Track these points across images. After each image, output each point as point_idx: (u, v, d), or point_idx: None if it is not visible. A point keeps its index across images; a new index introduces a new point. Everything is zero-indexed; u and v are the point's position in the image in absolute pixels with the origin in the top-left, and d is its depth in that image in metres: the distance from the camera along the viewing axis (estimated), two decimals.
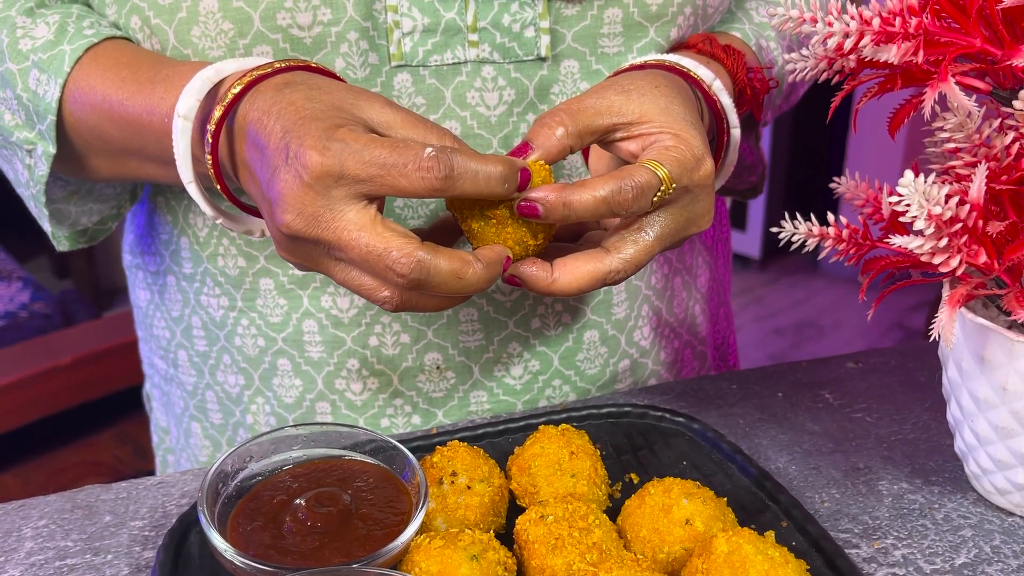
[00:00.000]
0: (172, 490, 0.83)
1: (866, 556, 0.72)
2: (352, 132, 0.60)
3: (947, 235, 0.65)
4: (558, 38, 0.82)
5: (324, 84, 0.64)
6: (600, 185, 0.63)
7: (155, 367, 1.04)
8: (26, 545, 0.77)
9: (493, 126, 0.83)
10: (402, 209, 0.84)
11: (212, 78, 0.68)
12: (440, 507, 0.70)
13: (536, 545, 0.65)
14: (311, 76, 0.67)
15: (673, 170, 0.66)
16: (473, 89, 0.82)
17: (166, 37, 0.76)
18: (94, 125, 0.77)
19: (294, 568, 0.61)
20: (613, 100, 0.70)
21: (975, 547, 0.73)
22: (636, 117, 0.69)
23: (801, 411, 0.92)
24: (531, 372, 0.92)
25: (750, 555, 0.60)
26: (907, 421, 0.90)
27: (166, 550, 0.69)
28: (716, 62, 0.84)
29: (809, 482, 0.82)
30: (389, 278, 0.60)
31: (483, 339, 0.89)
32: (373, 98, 0.64)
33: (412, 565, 0.63)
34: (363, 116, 0.63)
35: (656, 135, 0.69)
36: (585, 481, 0.73)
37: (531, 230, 0.67)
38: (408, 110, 0.65)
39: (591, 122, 0.69)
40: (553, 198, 0.63)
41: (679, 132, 0.68)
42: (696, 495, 0.68)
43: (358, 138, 0.59)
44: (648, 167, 0.66)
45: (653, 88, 0.71)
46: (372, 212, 0.61)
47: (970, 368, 0.73)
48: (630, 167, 0.66)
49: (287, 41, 0.76)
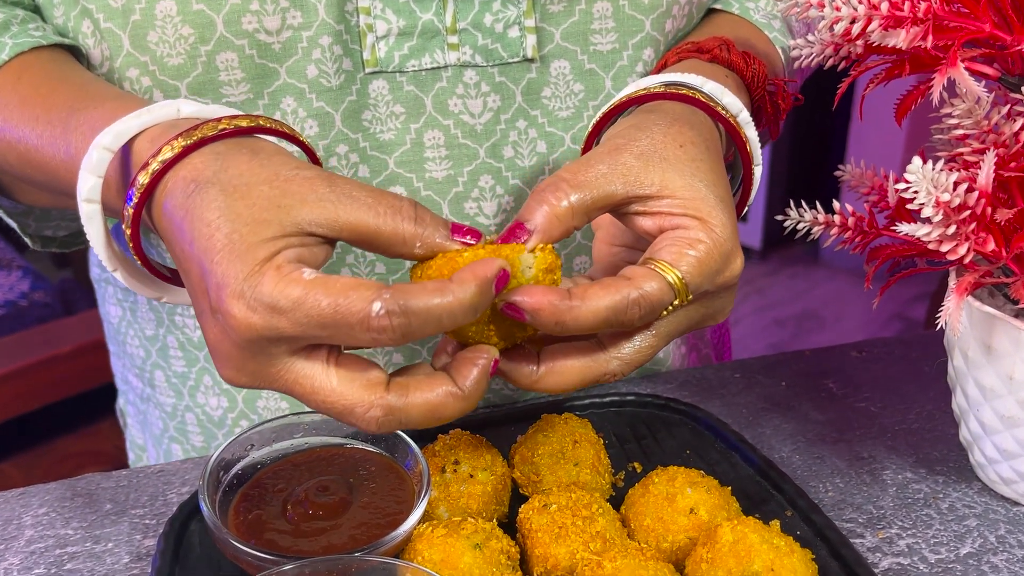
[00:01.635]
0: (173, 478, 0.83)
1: (871, 545, 0.72)
2: (281, 278, 0.48)
3: (955, 222, 0.64)
4: (545, 37, 0.77)
5: (242, 178, 0.52)
6: (602, 297, 0.54)
7: (130, 384, 0.99)
8: (26, 533, 0.76)
9: (479, 135, 0.79)
10: None
11: (111, 146, 0.57)
12: (443, 495, 0.70)
13: (539, 534, 0.65)
14: (228, 162, 0.53)
15: (693, 279, 0.56)
16: (455, 96, 0.77)
17: (119, 43, 0.70)
18: (12, 163, 0.68)
19: (296, 556, 0.60)
20: (629, 166, 0.58)
21: (980, 537, 0.73)
22: (656, 190, 0.58)
23: (805, 400, 0.92)
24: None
25: (755, 544, 0.60)
26: (911, 410, 0.90)
27: (167, 538, 0.69)
28: (735, 72, 0.75)
29: (813, 471, 0.81)
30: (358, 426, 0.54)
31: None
32: (306, 191, 0.52)
33: (415, 554, 0.63)
34: (296, 221, 0.51)
35: (679, 218, 0.58)
36: (588, 470, 0.73)
37: (520, 323, 0.55)
38: (352, 187, 0.52)
39: (602, 195, 0.57)
40: (545, 311, 0.53)
41: (706, 217, 0.58)
42: (700, 484, 0.68)
43: (289, 289, 0.48)
44: (663, 274, 0.56)
45: (677, 149, 0.60)
46: (322, 359, 0.52)
47: (976, 357, 0.72)
48: (640, 273, 0.56)
49: (254, 47, 0.71)
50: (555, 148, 0.81)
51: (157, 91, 0.72)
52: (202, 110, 0.59)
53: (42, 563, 0.73)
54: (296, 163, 0.54)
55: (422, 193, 0.80)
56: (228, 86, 0.72)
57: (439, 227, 0.54)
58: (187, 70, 0.71)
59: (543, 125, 0.81)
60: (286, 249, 0.50)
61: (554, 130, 0.81)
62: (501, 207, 0.82)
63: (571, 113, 0.81)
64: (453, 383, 0.52)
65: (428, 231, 0.53)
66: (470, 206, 0.81)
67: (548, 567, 0.64)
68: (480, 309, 0.51)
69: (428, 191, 0.80)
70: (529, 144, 0.81)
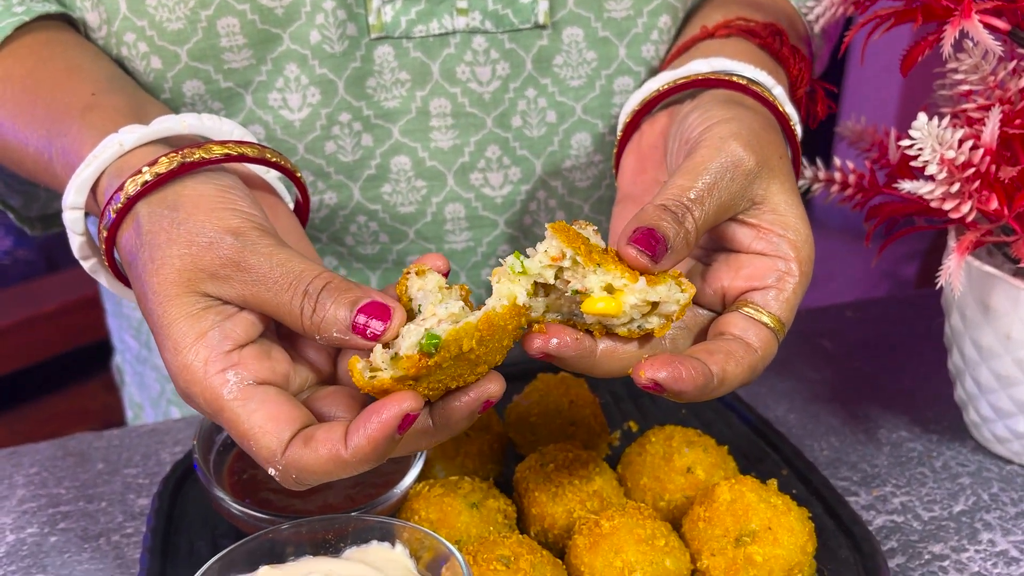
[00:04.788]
0: (165, 438, 0.82)
1: (865, 503, 0.72)
2: (207, 382, 0.50)
3: (959, 180, 0.63)
4: (558, 3, 0.74)
5: (159, 250, 0.52)
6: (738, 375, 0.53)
7: (126, 344, 0.98)
8: (18, 492, 0.76)
9: (487, 104, 0.77)
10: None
11: (76, 203, 0.58)
12: (439, 455, 0.69)
13: (536, 493, 0.64)
14: (151, 227, 0.53)
15: (789, 320, 0.56)
16: (463, 63, 0.74)
17: (116, 6, 0.68)
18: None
19: (292, 516, 0.60)
20: (747, 175, 0.56)
21: (973, 495, 0.73)
22: (760, 199, 0.57)
23: (800, 360, 0.92)
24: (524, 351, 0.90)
25: (753, 503, 0.60)
26: (906, 370, 0.90)
27: (161, 498, 0.69)
28: (781, 66, 0.71)
29: (808, 430, 0.81)
30: None
31: None
32: (216, 266, 0.51)
33: (412, 513, 0.62)
34: (206, 293, 0.52)
35: (777, 239, 0.57)
36: (585, 429, 0.73)
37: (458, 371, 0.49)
38: (265, 265, 0.51)
39: (723, 212, 0.56)
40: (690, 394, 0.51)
41: (801, 246, 0.57)
42: (697, 443, 0.68)
43: (213, 399, 0.50)
44: (775, 333, 0.55)
45: (778, 160, 0.58)
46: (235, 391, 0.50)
47: (974, 316, 0.72)
48: (763, 340, 0.54)
49: (256, 12, 0.69)
50: (565, 118, 0.79)
51: (155, 57, 0.69)
52: (143, 135, 0.57)
53: (35, 522, 0.72)
54: (214, 225, 0.52)
55: (427, 163, 0.78)
56: (230, 52, 0.70)
57: (337, 319, 0.50)
58: (187, 35, 0.69)
59: (553, 94, 0.78)
60: (211, 330, 0.51)
61: (565, 100, 0.78)
62: (507, 178, 0.80)
63: (583, 82, 0.78)
64: (343, 445, 0.48)
65: (325, 324, 0.50)
66: (476, 177, 0.79)
67: (545, 526, 0.64)
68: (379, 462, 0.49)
69: (433, 161, 0.78)
70: (538, 114, 0.78)
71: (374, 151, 0.76)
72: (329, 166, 0.76)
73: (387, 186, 0.78)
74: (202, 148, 0.55)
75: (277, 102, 0.73)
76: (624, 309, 0.52)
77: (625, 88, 0.78)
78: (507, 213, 0.81)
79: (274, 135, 0.74)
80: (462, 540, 0.61)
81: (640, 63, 0.77)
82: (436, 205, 0.79)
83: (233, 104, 0.72)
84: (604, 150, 0.81)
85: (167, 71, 0.70)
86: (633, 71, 0.77)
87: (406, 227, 0.80)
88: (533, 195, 0.81)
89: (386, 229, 0.80)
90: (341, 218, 0.79)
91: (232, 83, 0.71)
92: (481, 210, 0.81)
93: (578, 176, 0.82)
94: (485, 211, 0.81)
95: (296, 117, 0.73)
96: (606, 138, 0.80)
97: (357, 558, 0.58)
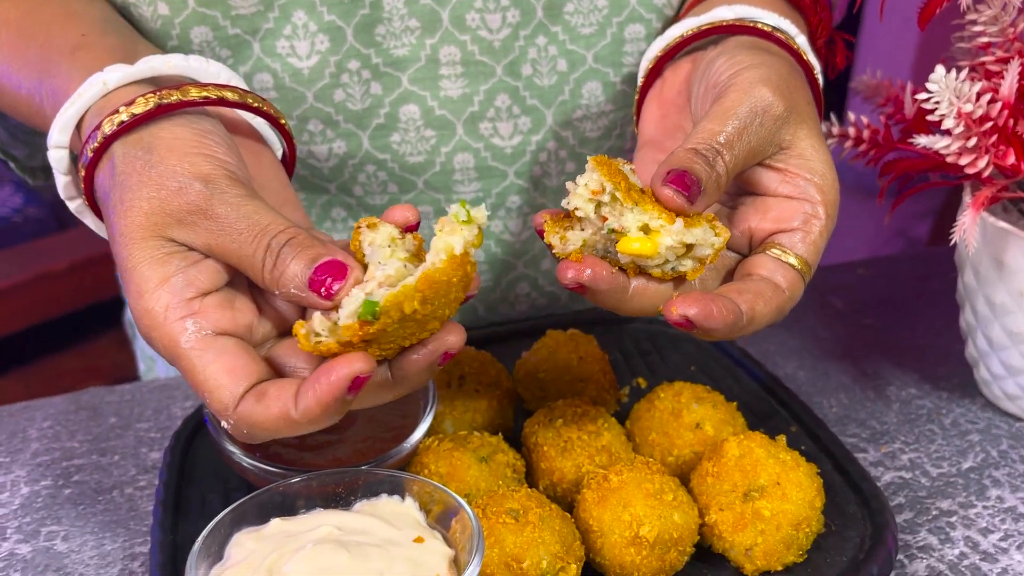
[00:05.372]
0: (176, 393, 0.83)
1: (873, 460, 0.72)
2: (167, 328, 0.50)
3: (976, 134, 0.62)
4: None
5: (129, 192, 0.52)
6: (767, 313, 0.53)
7: None
8: (32, 446, 0.77)
9: (496, 52, 0.76)
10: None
11: (60, 142, 0.57)
12: (448, 410, 0.70)
13: (545, 448, 0.65)
14: (124, 168, 0.52)
15: (815, 261, 0.57)
16: (473, 10, 0.73)
17: None
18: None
19: (302, 469, 0.60)
20: (776, 120, 0.56)
21: (982, 451, 0.73)
22: (788, 144, 0.57)
23: (810, 317, 0.91)
24: (537, 307, 0.90)
25: (762, 458, 0.60)
26: (917, 328, 0.89)
27: (173, 452, 0.69)
28: (802, 16, 0.69)
29: (818, 387, 0.81)
30: None
31: (490, 279, 0.87)
32: (183, 211, 0.51)
33: (421, 467, 0.63)
34: (174, 238, 0.51)
35: (804, 182, 0.57)
36: (594, 385, 0.73)
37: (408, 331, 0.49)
38: (232, 215, 0.51)
39: (751, 155, 0.56)
40: (720, 331, 0.51)
41: (827, 191, 0.57)
42: (706, 399, 0.68)
43: (170, 345, 0.50)
44: (802, 273, 0.56)
45: (806, 106, 0.59)
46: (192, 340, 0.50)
47: (988, 273, 0.72)
48: (791, 280, 0.55)
49: None
50: (576, 67, 0.78)
51: (162, 3, 0.68)
52: (127, 75, 0.56)
53: (49, 475, 0.73)
54: (185, 170, 0.52)
55: (436, 112, 0.77)
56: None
57: (296, 274, 0.49)
58: None
59: (564, 42, 0.77)
60: (175, 275, 0.51)
61: (575, 48, 0.77)
62: (517, 128, 0.79)
63: (594, 30, 0.76)
64: (293, 405, 0.48)
65: (284, 279, 0.49)
66: (485, 127, 0.79)
67: (554, 480, 0.64)
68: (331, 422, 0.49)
69: (443, 110, 0.77)
70: (549, 62, 0.77)
71: (383, 100, 0.76)
72: (338, 115, 0.76)
73: (396, 135, 0.77)
74: (180, 90, 0.54)
75: (285, 50, 0.72)
76: (660, 250, 0.52)
77: (636, 36, 0.77)
78: (517, 164, 0.81)
79: (283, 83, 0.73)
80: (471, 494, 0.61)
81: (651, 10, 0.76)
82: (445, 155, 0.79)
83: (241, 52, 0.71)
84: (615, 100, 0.80)
85: (174, 17, 0.69)
86: (644, 18, 0.76)
87: (415, 177, 0.80)
88: (543, 145, 0.80)
89: (395, 179, 0.80)
90: (350, 168, 0.78)
91: (240, 30, 0.70)
92: (491, 160, 0.80)
93: (589, 126, 0.81)
94: (495, 161, 0.80)
95: (305, 65, 0.72)
96: (617, 87, 0.79)
97: (367, 511, 0.58)
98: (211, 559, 0.54)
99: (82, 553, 0.65)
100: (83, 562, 0.65)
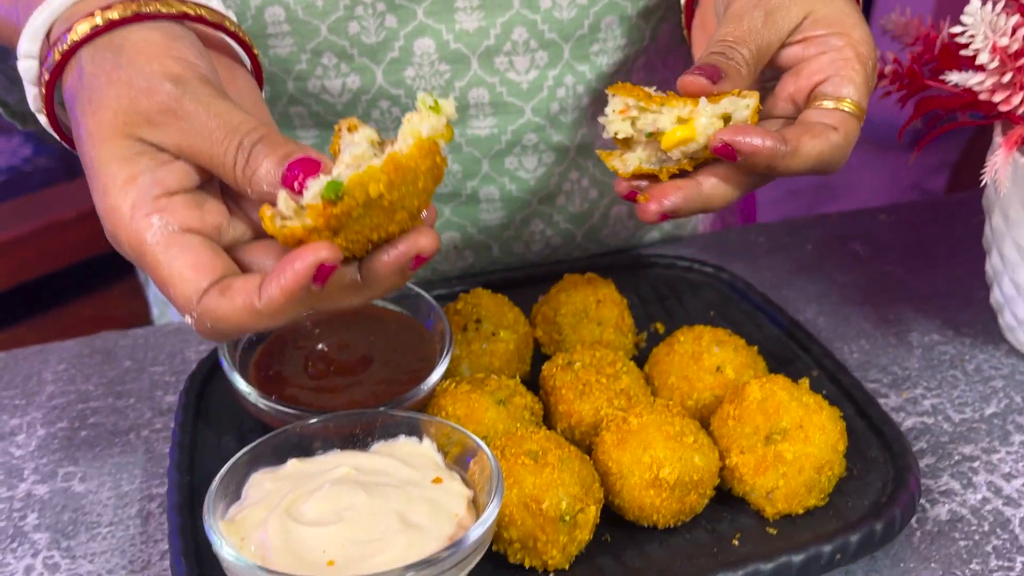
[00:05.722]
0: (190, 336, 0.82)
1: (895, 405, 0.71)
2: (132, 224, 0.49)
3: (1011, 70, 0.60)
4: None
5: (98, 91, 0.50)
6: (814, 145, 0.56)
7: None
8: (47, 389, 0.76)
9: None
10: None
11: (31, 51, 0.55)
12: (465, 353, 0.69)
13: (563, 391, 0.64)
14: (93, 69, 0.51)
15: (864, 100, 0.58)
16: None
17: None
18: None
19: (319, 411, 0.60)
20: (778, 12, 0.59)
21: (1006, 397, 0.72)
22: (799, 18, 0.60)
23: (831, 263, 0.90)
24: (552, 247, 0.89)
25: (784, 401, 0.59)
26: (940, 274, 0.88)
27: (188, 394, 0.69)
28: None
29: (838, 333, 0.80)
30: None
31: (504, 217, 0.86)
32: (153, 110, 0.50)
33: (439, 409, 0.62)
34: (144, 138, 0.50)
35: (824, 37, 0.59)
36: (612, 329, 0.72)
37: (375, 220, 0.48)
38: (203, 113, 0.50)
39: (765, 47, 0.59)
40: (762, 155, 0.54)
41: (849, 32, 0.59)
42: (727, 343, 0.67)
43: (135, 241, 0.49)
44: (852, 114, 0.57)
45: None
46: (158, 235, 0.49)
47: (1017, 216, 0.70)
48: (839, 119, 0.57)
49: None
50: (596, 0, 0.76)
51: None
52: None
53: (65, 417, 0.73)
54: (155, 70, 0.50)
55: (451, 46, 0.75)
56: None
57: (268, 172, 0.48)
58: None
59: None
60: (143, 175, 0.49)
61: None
62: (534, 63, 0.77)
63: None
64: (257, 295, 0.47)
65: (256, 177, 0.49)
66: (501, 61, 0.76)
67: (572, 423, 0.63)
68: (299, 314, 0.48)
69: (458, 43, 0.75)
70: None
71: (398, 32, 0.74)
72: (352, 48, 0.74)
73: (410, 70, 0.75)
74: (161, 2, 0.53)
75: None
76: (698, 130, 0.55)
77: None
78: (534, 100, 0.79)
79: (296, 15, 0.71)
80: (489, 436, 0.60)
81: None
82: (460, 90, 0.77)
83: None
84: (631, 34, 0.78)
85: None
86: None
87: None
88: (561, 80, 0.78)
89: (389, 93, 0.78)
90: (364, 103, 0.77)
91: None
92: (506, 96, 0.78)
93: (605, 61, 0.79)
94: (510, 97, 0.78)
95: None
96: (632, 21, 0.77)
97: (385, 452, 0.58)
98: (228, 498, 0.54)
99: (100, 494, 0.65)
100: (101, 503, 0.65)
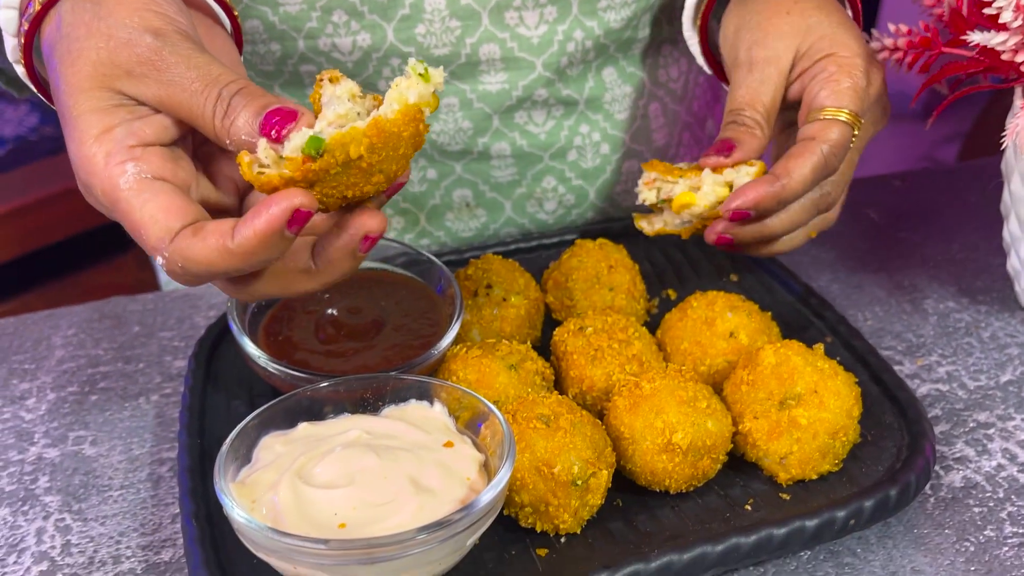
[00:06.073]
0: (199, 302, 0.82)
1: (910, 372, 0.71)
2: (106, 172, 0.49)
3: None
4: None
5: (77, 42, 0.50)
6: (802, 164, 0.62)
7: None
8: (57, 353, 0.76)
9: None
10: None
11: (11, 2, 0.55)
12: (475, 318, 0.68)
13: (575, 356, 0.63)
14: (72, 18, 0.51)
15: (857, 105, 0.63)
16: None
17: None
18: None
19: (329, 375, 0.59)
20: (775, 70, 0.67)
21: (1021, 364, 0.71)
22: (790, 63, 0.67)
23: (845, 230, 0.89)
24: (565, 206, 0.88)
25: (799, 366, 0.58)
26: (955, 241, 0.87)
27: (197, 359, 0.68)
28: None
29: (852, 300, 0.79)
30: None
31: (516, 174, 0.85)
32: (132, 62, 0.50)
33: (449, 374, 0.62)
34: (120, 90, 0.50)
35: (812, 66, 0.66)
36: (624, 294, 0.71)
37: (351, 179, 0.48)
38: (182, 65, 0.49)
39: (773, 106, 0.67)
40: (766, 200, 0.62)
41: (835, 51, 0.65)
42: (741, 308, 0.66)
43: (109, 188, 0.49)
44: (835, 119, 0.63)
45: (784, 17, 0.68)
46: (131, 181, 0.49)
47: None
48: (818, 128, 0.63)
49: None
50: None
51: None
52: None
53: (75, 382, 0.73)
54: (135, 22, 0.50)
55: (461, 2, 0.74)
56: None
57: (247, 122, 0.48)
58: None
59: None
60: (119, 126, 0.49)
61: None
62: (543, 17, 0.76)
63: None
64: (230, 237, 0.47)
65: (235, 127, 0.48)
66: (511, 16, 0.76)
67: (583, 388, 0.63)
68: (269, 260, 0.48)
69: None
70: None
71: None
72: (362, 5, 0.73)
73: (421, 27, 0.74)
74: None
75: None
76: (697, 196, 0.65)
77: None
78: (544, 54, 0.78)
79: None
80: (500, 400, 0.60)
81: None
82: (470, 46, 0.76)
83: None
84: None
85: None
86: None
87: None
88: (570, 35, 0.78)
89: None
90: (375, 61, 0.76)
91: None
92: (517, 51, 0.77)
93: (612, 16, 0.79)
94: (521, 52, 0.78)
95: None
96: None
97: (396, 416, 0.58)
98: (239, 461, 0.54)
99: (110, 457, 0.65)
100: (112, 466, 0.65)
